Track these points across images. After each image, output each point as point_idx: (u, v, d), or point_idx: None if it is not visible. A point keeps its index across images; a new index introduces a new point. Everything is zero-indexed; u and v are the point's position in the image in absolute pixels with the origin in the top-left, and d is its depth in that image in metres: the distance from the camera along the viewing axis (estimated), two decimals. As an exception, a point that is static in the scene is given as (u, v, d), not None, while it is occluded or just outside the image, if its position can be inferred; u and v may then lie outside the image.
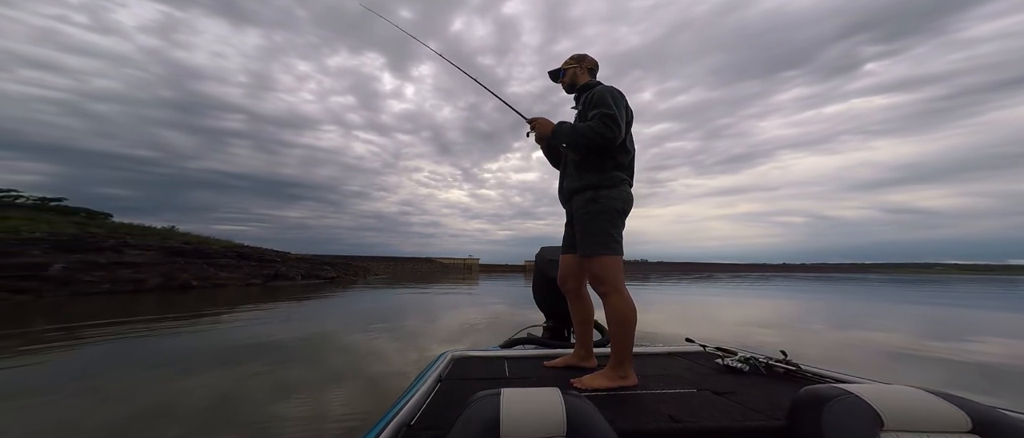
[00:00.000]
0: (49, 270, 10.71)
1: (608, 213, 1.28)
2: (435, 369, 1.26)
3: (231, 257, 18.01)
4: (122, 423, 2.29)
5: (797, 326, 6.89)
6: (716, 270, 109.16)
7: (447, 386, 1.15)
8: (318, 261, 25.65)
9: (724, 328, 6.35)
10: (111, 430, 2.20)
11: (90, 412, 2.43)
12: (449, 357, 1.43)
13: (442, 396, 1.06)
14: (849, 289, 19.41)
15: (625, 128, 1.29)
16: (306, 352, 4.17)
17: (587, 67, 1.52)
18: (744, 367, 1.32)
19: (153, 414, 2.39)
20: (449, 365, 1.37)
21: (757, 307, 10.32)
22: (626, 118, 1.30)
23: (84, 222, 16.00)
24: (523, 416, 0.61)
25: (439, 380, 1.20)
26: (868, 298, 13.39)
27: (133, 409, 2.47)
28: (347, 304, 9.61)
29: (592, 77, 1.51)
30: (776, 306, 10.60)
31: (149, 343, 4.49)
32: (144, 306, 8.48)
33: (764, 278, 39.87)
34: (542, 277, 2.18)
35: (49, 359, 3.73)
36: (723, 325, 6.73)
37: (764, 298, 13.24)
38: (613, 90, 1.31)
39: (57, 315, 6.93)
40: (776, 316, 8.43)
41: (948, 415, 0.63)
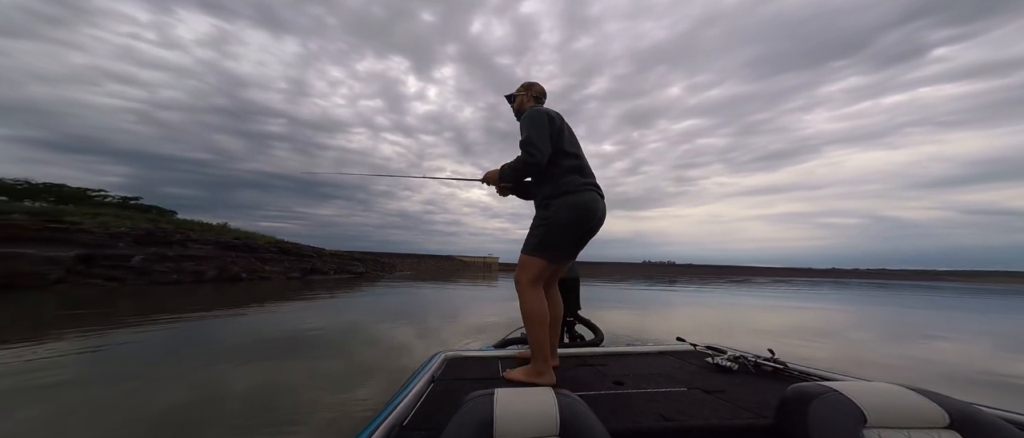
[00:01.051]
0: (131, 261, 12.65)
1: (550, 222, 1.33)
2: (428, 369, 1.27)
3: (274, 252, 19.94)
4: (183, 400, 2.67)
5: (871, 338, 6.14)
6: (754, 274, 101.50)
7: (440, 386, 1.14)
8: (349, 257, 27.55)
9: (770, 340, 5.69)
10: (172, 407, 2.61)
11: (154, 393, 2.82)
12: (442, 357, 1.43)
13: (435, 396, 1.06)
14: (924, 299, 17.30)
15: (557, 139, 1.37)
16: (341, 344, 4.63)
17: (534, 95, 1.61)
18: (733, 366, 1.34)
19: (205, 392, 2.87)
20: (442, 365, 1.37)
21: (816, 316, 9.38)
22: (549, 132, 1.36)
23: (156, 219, 18.42)
24: (516, 416, 0.62)
25: (432, 380, 1.20)
26: (949, 308, 12.18)
27: (188, 388, 2.91)
28: (376, 299, 10.53)
29: (537, 104, 1.58)
30: (834, 316, 9.63)
31: (207, 329, 5.48)
32: (202, 296, 9.89)
33: (811, 284, 36.58)
34: None
35: (138, 339, 4.75)
36: (767, 336, 6.13)
37: (816, 305, 12.32)
38: (532, 113, 1.40)
39: (137, 301, 8.36)
40: (834, 324, 7.71)
41: (927, 411, 0.66)
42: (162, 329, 5.29)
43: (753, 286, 26.26)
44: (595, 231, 1.41)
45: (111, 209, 18.73)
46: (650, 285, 22.37)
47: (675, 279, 36.86)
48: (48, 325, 5.38)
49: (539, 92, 1.62)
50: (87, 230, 13.36)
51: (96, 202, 20.50)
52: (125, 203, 21.91)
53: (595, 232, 1.42)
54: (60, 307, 7.19)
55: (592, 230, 1.40)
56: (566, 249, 1.36)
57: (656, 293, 15.82)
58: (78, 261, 11.34)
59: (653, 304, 11.18)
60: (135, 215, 18.37)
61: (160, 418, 2.32)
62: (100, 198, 21.27)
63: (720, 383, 1.20)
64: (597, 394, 1.10)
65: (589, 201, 1.34)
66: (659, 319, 7.93)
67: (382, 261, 32.55)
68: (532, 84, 1.64)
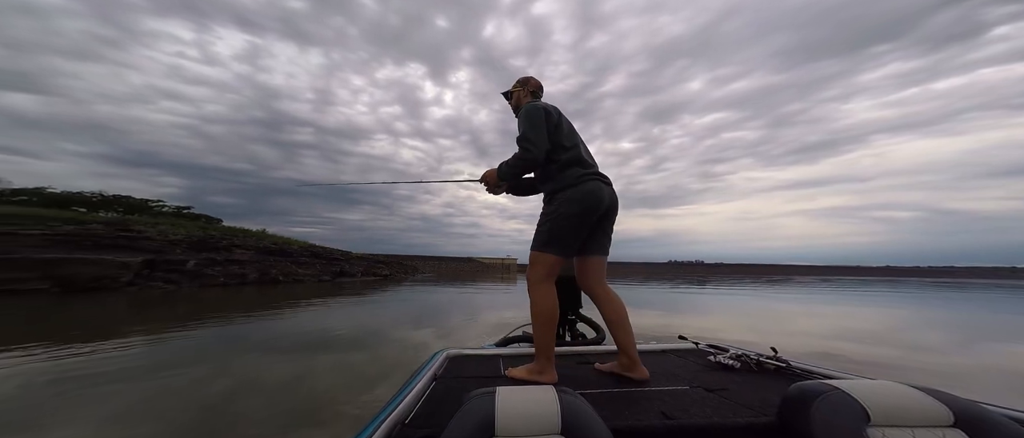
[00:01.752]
0: (186, 266, 14.15)
1: (556, 216, 1.32)
2: (430, 367, 1.27)
3: (307, 256, 21.41)
4: (230, 389, 3.17)
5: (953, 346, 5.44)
6: (795, 273, 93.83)
7: (442, 384, 1.15)
8: (374, 260, 28.93)
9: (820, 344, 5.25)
10: (222, 394, 3.08)
11: (206, 382, 3.35)
12: (444, 355, 1.44)
13: (437, 394, 1.06)
14: (1005, 300, 14.75)
15: (554, 133, 1.36)
16: (369, 342, 5.09)
17: (530, 90, 1.59)
18: (735, 364, 1.33)
19: (248, 382, 3.37)
20: (444, 363, 1.37)
21: (871, 317, 8.45)
22: (545, 126, 1.35)
23: (205, 226, 20.31)
24: (518, 414, 0.62)
25: (434, 378, 1.20)
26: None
27: (234, 379, 3.44)
28: (400, 300, 11.25)
29: (535, 99, 1.56)
30: (891, 317, 8.69)
31: (251, 327, 6.25)
32: (246, 297, 10.97)
33: (861, 283, 33.04)
34: None
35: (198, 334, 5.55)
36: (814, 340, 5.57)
37: (869, 306, 11.23)
38: (528, 108, 1.38)
39: (192, 303, 9.47)
40: (890, 327, 6.98)
41: (932, 410, 0.65)
42: (216, 327, 6.11)
43: (794, 286, 24.53)
44: (608, 218, 1.38)
45: (168, 218, 20.87)
46: (677, 286, 21.53)
47: (705, 279, 35.07)
48: (127, 322, 6.36)
49: (535, 87, 1.60)
50: (151, 237, 15.08)
51: (156, 212, 22.88)
52: (179, 212, 24.29)
53: (608, 219, 1.39)
54: (133, 307, 8.34)
55: (603, 218, 1.36)
56: (575, 241, 1.34)
57: (685, 295, 15.23)
58: (144, 265, 12.86)
59: (682, 307, 10.91)
60: (188, 223, 20.39)
61: (224, 398, 2.91)
62: (159, 208, 23.69)
63: (722, 381, 1.19)
64: (599, 392, 1.09)
65: (593, 189, 1.31)
66: (688, 322, 7.50)
67: (405, 264, 33.91)
68: (528, 79, 1.62)
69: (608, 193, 1.36)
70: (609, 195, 1.36)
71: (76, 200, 20.09)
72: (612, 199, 1.38)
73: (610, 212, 1.38)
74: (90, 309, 7.80)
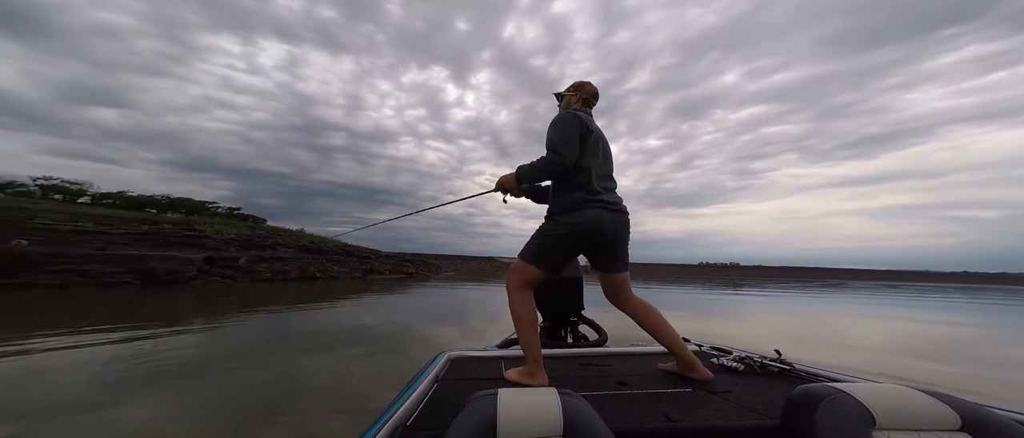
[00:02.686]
0: (239, 262, 15.85)
1: (548, 236, 1.34)
2: (432, 369, 1.28)
3: (341, 254, 23.04)
4: (271, 378, 3.61)
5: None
6: (850, 278, 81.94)
7: (444, 386, 1.16)
8: (401, 258, 30.40)
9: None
10: (270, 380, 3.56)
11: (250, 371, 3.92)
12: (446, 357, 1.45)
13: (439, 396, 1.07)
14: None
15: (580, 145, 1.33)
16: (397, 336, 5.66)
17: (583, 96, 1.53)
18: (739, 366, 1.33)
19: (289, 371, 3.88)
20: (446, 365, 1.38)
21: (944, 330, 7.59)
22: (577, 136, 1.33)
23: (253, 226, 22.40)
24: (520, 416, 0.62)
25: (436, 380, 1.21)
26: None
27: (276, 369, 3.96)
28: (427, 297, 12.15)
29: (587, 106, 1.52)
30: (967, 330, 7.86)
31: (294, 320, 7.19)
32: (291, 291, 12.26)
33: (932, 290, 28.59)
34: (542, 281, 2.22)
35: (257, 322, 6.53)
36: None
37: (940, 316, 10.09)
38: (564, 116, 1.37)
39: (245, 295, 10.77)
40: (966, 342, 6.36)
41: (938, 413, 0.64)
42: (271, 317, 7.14)
43: (849, 291, 22.11)
44: (609, 243, 1.36)
45: (222, 218, 23.21)
46: (710, 290, 20.56)
47: (741, 282, 32.90)
48: (201, 310, 7.53)
49: (589, 93, 1.54)
50: (209, 236, 17.01)
51: (212, 212, 25.48)
52: (231, 213, 26.87)
53: (618, 241, 1.37)
54: (197, 299, 9.69)
55: (611, 241, 1.35)
56: (561, 262, 1.36)
57: (716, 298, 14.60)
58: (205, 261, 14.60)
59: (713, 310, 10.63)
60: (238, 223, 22.60)
61: (282, 377, 3.68)
62: (214, 209, 26.33)
63: (726, 383, 1.19)
64: (601, 394, 1.10)
65: (591, 218, 1.30)
66: (718, 329, 7.14)
67: (429, 262, 35.30)
68: (583, 84, 1.56)
69: (612, 220, 1.34)
70: (613, 223, 1.34)
71: (149, 202, 22.85)
72: (617, 226, 1.35)
73: (615, 237, 1.36)
74: (169, 299, 9.20)
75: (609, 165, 1.45)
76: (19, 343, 4.43)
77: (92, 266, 11.15)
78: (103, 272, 11.25)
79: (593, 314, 2.46)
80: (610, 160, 1.45)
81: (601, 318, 2.41)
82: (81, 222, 13.89)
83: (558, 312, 2.26)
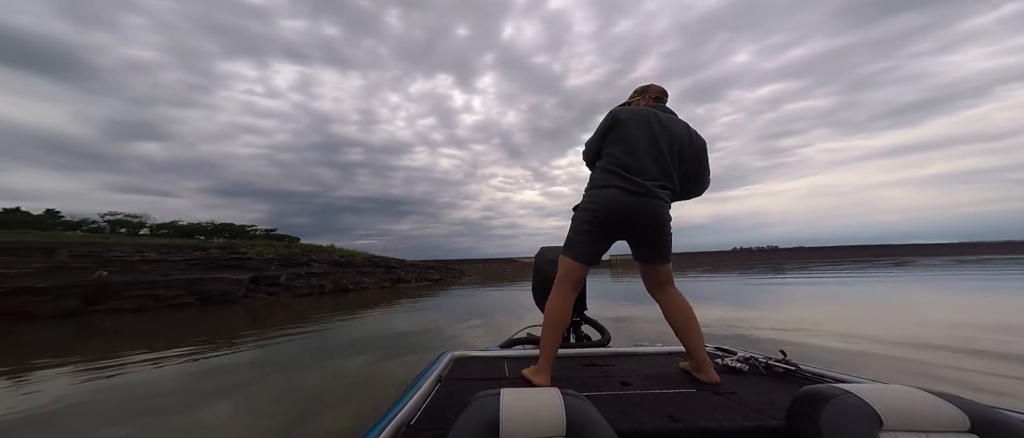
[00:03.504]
0: (280, 280, 17.23)
1: (574, 220, 1.38)
2: (435, 369, 1.28)
3: (369, 266, 24.32)
4: (318, 376, 4.16)
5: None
6: (915, 253, 70.93)
7: (447, 386, 1.16)
8: (425, 266, 31.53)
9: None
10: (318, 378, 4.10)
11: (299, 376, 4.34)
12: (449, 357, 1.46)
13: (442, 396, 1.08)
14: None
15: (609, 139, 1.37)
16: (425, 343, 6.13)
17: (652, 96, 1.54)
18: (744, 367, 1.32)
19: (343, 370, 4.52)
20: (449, 365, 1.39)
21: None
22: (604, 131, 1.39)
23: (288, 245, 24.08)
24: (523, 416, 0.62)
25: (439, 380, 1.21)
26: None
27: (322, 370, 4.57)
28: (453, 302, 12.81)
29: (659, 103, 1.51)
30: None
31: (333, 329, 7.97)
32: (328, 304, 13.28)
33: (1016, 261, 24.95)
34: (541, 277, 2.19)
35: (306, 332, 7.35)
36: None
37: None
38: (609, 113, 1.44)
39: (289, 310, 11.84)
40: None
41: (947, 415, 0.63)
42: (313, 328, 7.98)
43: (920, 270, 18.85)
44: (637, 229, 1.31)
45: (261, 240, 25.10)
46: (749, 275, 19.17)
47: (781, 265, 30.45)
48: (253, 325, 8.50)
49: (657, 93, 1.54)
50: (251, 257, 18.56)
51: (251, 235, 27.55)
52: (268, 234, 28.92)
53: (647, 229, 1.31)
54: (248, 315, 10.79)
55: (640, 228, 1.31)
56: (588, 249, 1.33)
57: (763, 287, 13.27)
58: (251, 281, 16.02)
59: (760, 300, 9.83)
60: (276, 243, 24.35)
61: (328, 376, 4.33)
62: (253, 231, 28.43)
63: (730, 384, 1.19)
64: (604, 395, 1.10)
65: (610, 197, 1.28)
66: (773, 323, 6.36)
67: (452, 268, 36.33)
68: (647, 88, 1.57)
69: (629, 202, 1.28)
70: (630, 204, 1.28)
71: (197, 230, 25.11)
72: (637, 208, 1.28)
73: (641, 223, 1.30)
74: (225, 317, 10.35)
75: (648, 146, 1.33)
76: (116, 359, 5.38)
77: (160, 291, 12.63)
78: (169, 295, 12.70)
79: (596, 314, 2.45)
80: (650, 150, 1.32)
81: (604, 318, 2.41)
82: (145, 252, 15.62)
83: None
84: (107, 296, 11.45)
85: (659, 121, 1.36)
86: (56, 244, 14.35)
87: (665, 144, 1.33)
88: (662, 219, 1.33)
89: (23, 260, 11.90)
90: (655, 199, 1.31)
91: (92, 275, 11.90)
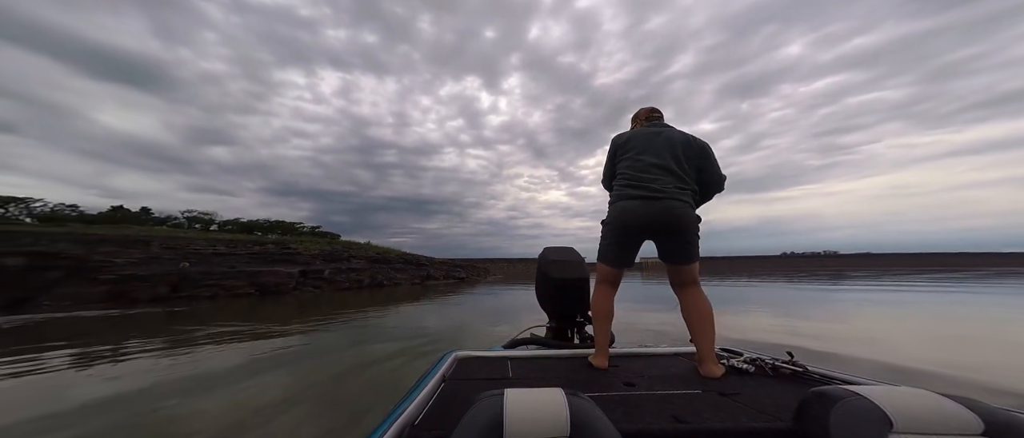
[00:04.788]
0: (324, 274, 19.08)
1: (602, 231, 1.56)
2: (439, 369, 1.29)
3: (401, 263, 25.96)
4: (351, 366, 4.68)
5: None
6: (1016, 264, 58.02)
7: (451, 386, 1.17)
8: (453, 264, 32.87)
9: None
10: (348, 367, 4.58)
11: (335, 361, 4.97)
12: (453, 357, 1.46)
13: (446, 396, 1.08)
14: None
15: (619, 159, 1.57)
16: (451, 337, 6.73)
17: (644, 117, 1.72)
18: (750, 368, 1.32)
19: (363, 362, 4.95)
20: (453, 365, 1.40)
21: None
22: (612, 157, 1.61)
23: (331, 241, 26.33)
24: (526, 416, 0.62)
25: (443, 380, 1.22)
26: None
27: (358, 352, 5.46)
28: (478, 300, 13.64)
29: (648, 123, 1.67)
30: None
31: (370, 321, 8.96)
32: (366, 297, 14.64)
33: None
34: (545, 278, 2.21)
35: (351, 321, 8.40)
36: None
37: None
38: (613, 140, 1.64)
39: (333, 303, 13.25)
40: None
41: (959, 418, 0.62)
42: (352, 318, 9.05)
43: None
44: (658, 233, 1.44)
45: (308, 236, 27.68)
46: (795, 281, 18.13)
47: (841, 275, 26.96)
48: (302, 314, 9.79)
49: (645, 115, 1.73)
50: (300, 252, 20.68)
51: (298, 232, 30.41)
52: (313, 231, 31.73)
53: (660, 233, 1.44)
54: (298, 305, 12.28)
55: (660, 232, 1.43)
56: (615, 255, 1.52)
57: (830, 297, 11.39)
58: (300, 274, 17.94)
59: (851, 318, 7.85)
60: (320, 240, 26.75)
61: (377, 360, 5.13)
62: (300, 228, 31.35)
63: (736, 385, 1.18)
64: (608, 395, 1.09)
65: (624, 207, 1.45)
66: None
67: (478, 267, 37.48)
68: (637, 113, 1.77)
69: (645, 208, 1.41)
70: (646, 210, 1.41)
71: (255, 226, 28.23)
72: (653, 212, 1.41)
73: (662, 226, 1.42)
74: (279, 306, 11.90)
75: (652, 157, 1.48)
76: (197, 334, 6.66)
77: (228, 282, 14.65)
78: (235, 286, 14.70)
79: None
80: (657, 160, 1.47)
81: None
82: (217, 246, 18.04)
83: (565, 313, 2.24)
84: (188, 284, 13.55)
85: (658, 134, 1.54)
86: (150, 237, 17.07)
87: (669, 152, 1.48)
88: (682, 219, 1.41)
89: (126, 251, 14.40)
90: (672, 201, 1.41)
91: (177, 266, 14.11)
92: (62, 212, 22.75)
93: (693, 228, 1.43)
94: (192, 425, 2.96)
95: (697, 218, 1.45)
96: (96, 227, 19.52)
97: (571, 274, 2.10)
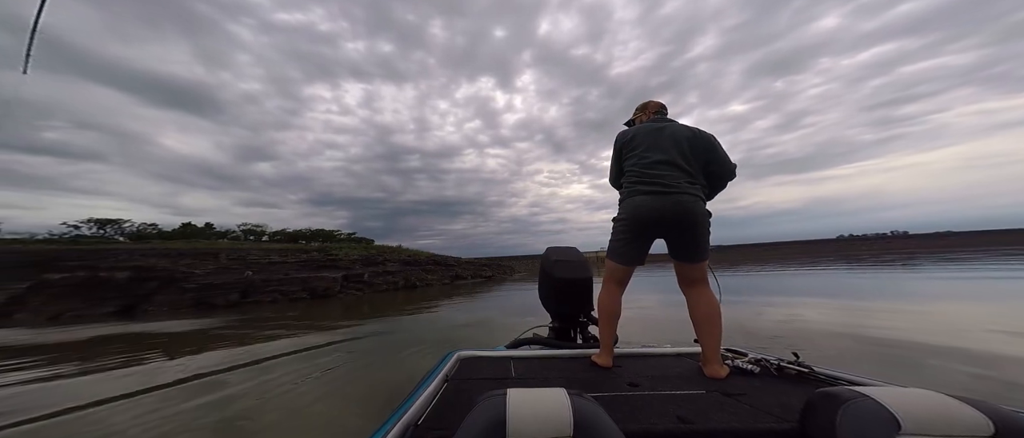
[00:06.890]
0: (364, 277, 20.86)
1: (613, 227, 1.55)
2: (442, 369, 1.29)
3: (431, 264, 27.50)
4: (385, 362, 5.77)
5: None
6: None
7: (454, 386, 1.18)
8: (479, 264, 34.14)
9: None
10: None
11: (371, 357, 6.61)
12: (455, 357, 1.46)
13: (449, 396, 1.08)
14: None
15: (626, 155, 1.58)
16: (485, 327, 7.83)
17: (652, 111, 1.68)
18: (755, 369, 1.30)
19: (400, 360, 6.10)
20: (455, 365, 1.40)
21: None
22: (619, 152, 1.62)
23: (367, 247, 28.35)
24: (529, 416, 0.62)
25: (446, 380, 1.22)
26: None
27: (398, 341, 7.11)
28: (503, 298, 14.68)
29: (657, 116, 1.65)
30: None
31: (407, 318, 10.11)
32: (399, 298, 16.03)
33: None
34: (548, 277, 2.22)
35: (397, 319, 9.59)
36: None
37: None
38: (617, 137, 1.66)
39: (372, 303, 14.72)
40: None
41: (969, 419, 0.61)
42: (394, 315, 10.25)
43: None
44: (669, 229, 1.43)
45: (346, 243, 29.94)
46: (855, 267, 16.87)
47: (914, 256, 24.26)
48: (346, 316, 11.17)
49: (656, 108, 1.69)
50: (341, 258, 22.64)
51: (337, 239, 32.89)
52: (349, 237, 34.17)
53: (670, 230, 1.43)
54: (343, 307, 13.80)
55: (672, 227, 1.42)
56: (626, 252, 1.49)
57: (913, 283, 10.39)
58: (343, 279, 19.78)
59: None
60: (357, 245, 28.86)
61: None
62: (339, 236, 33.86)
63: (741, 386, 1.17)
64: (611, 395, 1.09)
65: (637, 202, 1.44)
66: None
67: (503, 265, 38.55)
68: (647, 104, 1.71)
69: (656, 202, 1.40)
70: (658, 205, 1.40)
71: (300, 235, 30.98)
72: (665, 207, 1.39)
73: (672, 221, 1.40)
74: (329, 307, 13.50)
75: (658, 153, 1.47)
76: (263, 334, 8.06)
77: (284, 287, 16.62)
78: (290, 291, 16.65)
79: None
80: (663, 155, 1.46)
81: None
82: (271, 256, 20.29)
83: (568, 313, 2.24)
84: (253, 290, 15.59)
85: (662, 129, 1.53)
86: (218, 250, 19.55)
87: (674, 146, 1.46)
88: (694, 213, 1.39)
89: (202, 262, 16.73)
90: (682, 195, 1.39)
91: (242, 275, 16.22)
92: (146, 230, 26.34)
93: (704, 223, 1.43)
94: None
95: (708, 213, 1.45)
96: (173, 242, 22.55)
97: (574, 274, 2.12)
